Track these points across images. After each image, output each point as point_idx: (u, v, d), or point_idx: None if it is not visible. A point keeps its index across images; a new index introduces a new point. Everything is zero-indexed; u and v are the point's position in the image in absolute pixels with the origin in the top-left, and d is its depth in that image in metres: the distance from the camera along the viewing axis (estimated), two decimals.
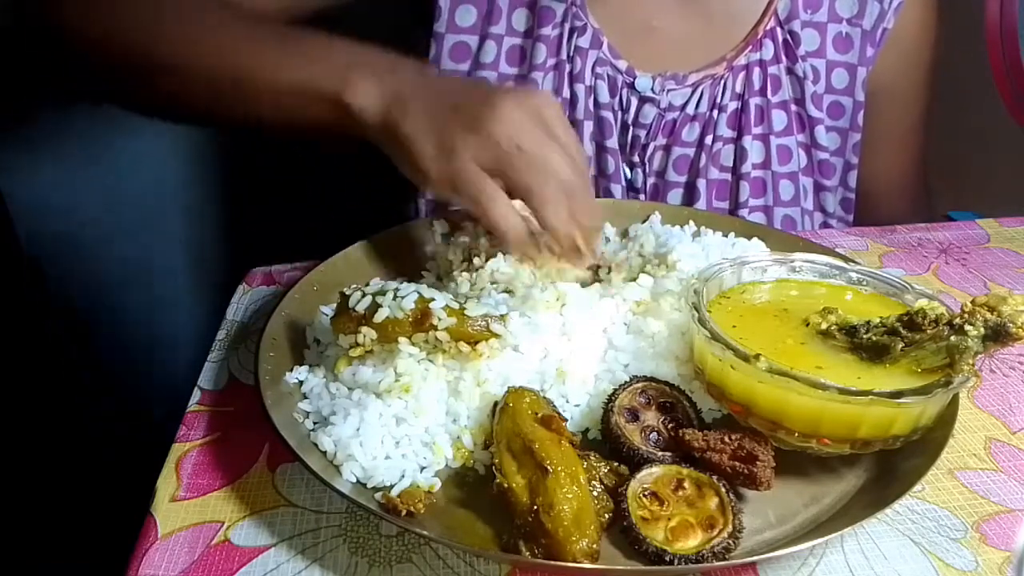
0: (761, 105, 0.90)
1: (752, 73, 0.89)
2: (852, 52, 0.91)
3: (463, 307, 0.55)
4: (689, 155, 0.90)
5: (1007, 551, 0.48)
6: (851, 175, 0.96)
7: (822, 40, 0.90)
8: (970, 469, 0.55)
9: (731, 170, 0.91)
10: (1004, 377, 0.64)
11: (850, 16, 0.91)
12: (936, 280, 0.78)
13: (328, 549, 0.49)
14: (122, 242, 1.43)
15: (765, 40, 0.89)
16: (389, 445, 0.52)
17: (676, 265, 0.68)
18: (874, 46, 0.92)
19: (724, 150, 0.90)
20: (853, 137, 0.94)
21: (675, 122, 0.90)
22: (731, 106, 0.90)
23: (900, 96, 0.98)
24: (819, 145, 0.92)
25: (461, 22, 0.90)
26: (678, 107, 0.89)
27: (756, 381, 0.50)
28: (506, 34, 0.90)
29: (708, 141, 0.90)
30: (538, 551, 0.45)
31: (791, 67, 0.90)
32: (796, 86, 0.91)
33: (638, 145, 0.91)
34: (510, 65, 0.90)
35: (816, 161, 0.93)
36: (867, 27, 0.91)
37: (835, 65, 0.91)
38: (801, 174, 0.92)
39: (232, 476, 0.54)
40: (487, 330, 0.55)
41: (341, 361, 0.57)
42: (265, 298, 0.75)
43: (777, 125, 0.91)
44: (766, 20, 0.90)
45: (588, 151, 0.90)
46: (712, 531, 0.46)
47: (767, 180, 0.91)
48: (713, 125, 0.90)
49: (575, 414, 0.56)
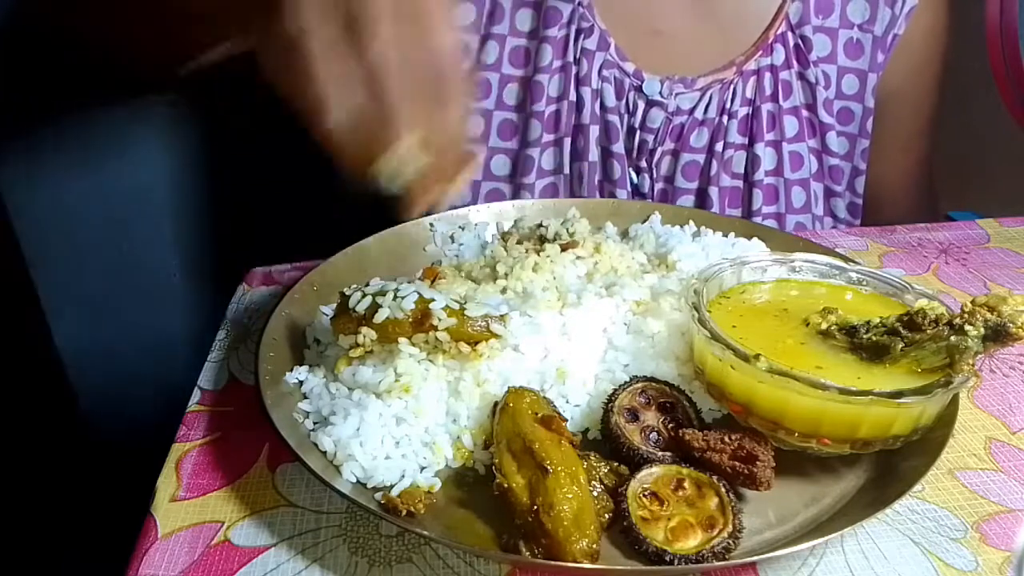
0: (773, 111, 0.89)
1: (763, 78, 0.89)
2: (863, 58, 0.91)
3: (463, 307, 0.55)
4: (698, 161, 0.90)
5: (1007, 551, 0.48)
6: (858, 180, 0.96)
7: (833, 46, 0.90)
8: (970, 469, 0.55)
9: (743, 177, 0.90)
10: (1004, 377, 0.64)
11: (861, 22, 0.90)
12: (936, 280, 0.78)
13: (328, 549, 0.49)
14: (121, 241, 1.43)
15: (776, 45, 0.89)
16: (389, 445, 0.52)
17: (676, 265, 0.68)
18: (885, 52, 0.92)
19: (736, 156, 0.90)
20: (862, 143, 0.94)
21: (683, 127, 0.89)
22: (741, 112, 0.89)
23: (909, 100, 0.98)
24: (829, 150, 0.91)
25: (461, 20, 0.89)
26: (686, 111, 0.89)
27: (756, 381, 0.50)
28: (509, 34, 0.89)
29: (719, 148, 0.89)
30: (538, 551, 0.45)
31: (803, 72, 0.89)
32: (807, 91, 0.90)
33: (645, 150, 0.90)
34: (513, 66, 0.89)
35: (827, 167, 0.92)
36: (878, 33, 0.91)
37: (846, 71, 0.91)
38: (812, 180, 0.92)
39: (232, 476, 0.54)
40: (487, 330, 0.55)
41: (341, 361, 0.57)
42: (265, 298, 0.75)
43: (789, 131, 0.90)
44: (777, 24, 0.89)
45: (594, 156, 0.90)
46: (712, 531, 0.46)
47: (779, 187, 0.90)
48: (724, 131, 0.89)
49: (575, 414, 0.56)
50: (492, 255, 0.71)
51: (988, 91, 1.29)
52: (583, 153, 0.90)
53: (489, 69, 0.89)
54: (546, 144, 0.90)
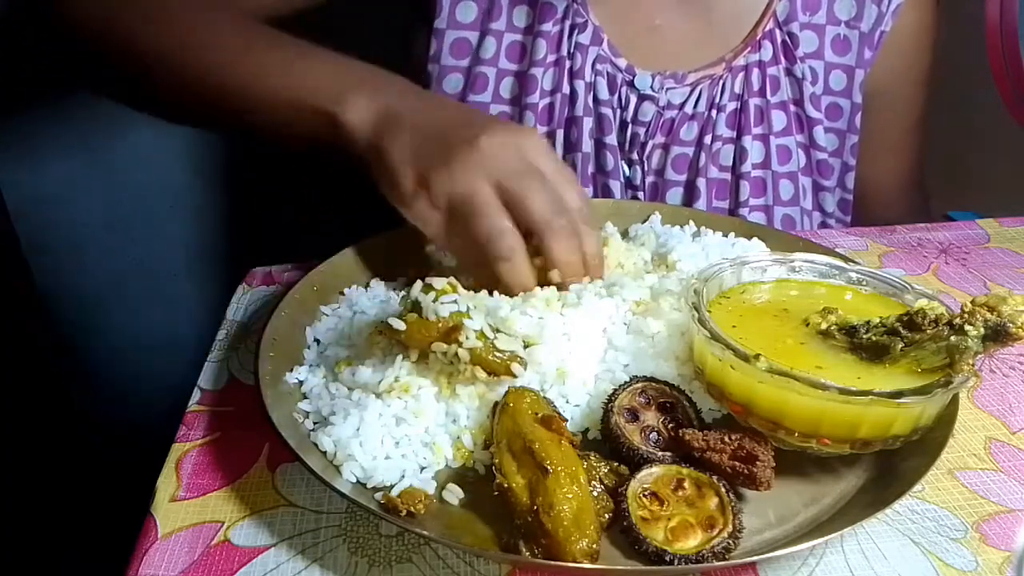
0: (760, 106, 0.90)
1: (751, 74, 0.90)
2: (850, 54, 0.92)
3: (496, 335, 0.54)
4: (688, 154, 0.91)
5: (1007, 551, 0.48)
6: (849, 176, 0.96)
7: (820, 42, 0.91)
8: (970, 469, 0.55)
9: (731, 169, 0.91)
10: (1004, 377, 0.64)
11: (848, 18, 0.91)
12: (936, 280, 0.78)
13: (328, 549, 0.49)
14: (122, 241, 1.43)
15: (764, 41, 0.90)
16: (389, 445, 0.52)
17: (676, 265, 0.68)
18: (872, 48, 0.92)
19: (724, 150, 0.91)
20: (851, 139, 0.94)
21: (673, 121, 0.90)
22: (730, 106, 0.90)
23: (897, 98, 0.99)
24: (818, 145, 0.92)
25: (462, 18, 0.91)
26: (677, 106, 0.90)
27: (756, 381, 0.50)
28: (506, 30, 0.90)
29: (707, 140, 0.90)
30: (538, 551, 0.45)
31: (790, 68, 0.91)
32: (795, 87, 0.91)
33: (637, 143, 0.91)
34: (510, 61, 0.90)
35: (815, 161, 0.93)
36: (865, 30, 0.92)
37: (833, 67, 0.92)
38: (800, 174, 0.93)
39: (232, 476, 0.54)
40: (506, 368, 0.54)
41: (342, 361, 0.57)
42: (265, 298, 0.75)
43: (776, 125, 0.91)
44: (765, 21, 0.90)
45: (588, 148, 0.91)
46: (712, 531, 0.46)
47: (767, 180, 0.91)
48: (712, 125, 0.90)
49: (575, 414, 0.56)
50: None
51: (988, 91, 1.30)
52: (576, 144, 0.91)
53: (486, 64, 0.90)
54: None
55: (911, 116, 1.02)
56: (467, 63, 0.91)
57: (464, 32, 0.90)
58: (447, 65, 0.91)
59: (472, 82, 0.91)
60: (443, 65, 0.91)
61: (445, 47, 0.91)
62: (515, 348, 0.54)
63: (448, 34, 0.91)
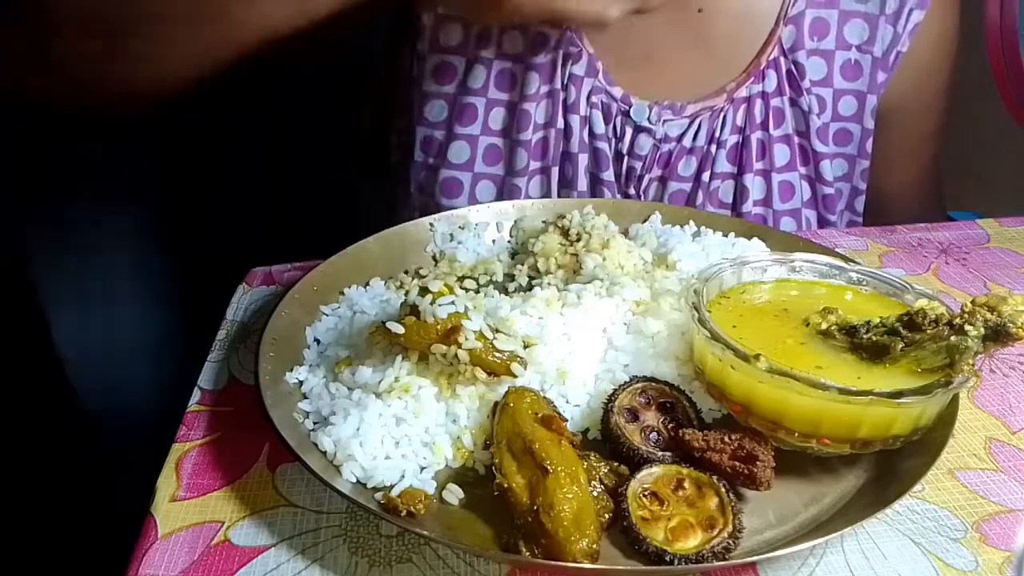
0: (763, 139, 0.86)
1: (754, 106, 0.86)
2: (861, 79, 0.88)
3: (495, 335, 0.54)
4: (685, 190, 0.88)
5: (1007, 551, 0.48)
6: (858, 200, 0.93)
7: (829, 69, 0.86)
8: (970, 469, 0.55)
9: (731, 207, 0.88)
10: (1004, 377, 0.64)
11: (860, 43, 0.87)
12: (936, 280, 0.78)
13: (328, 549, 0.49)
14: (120, 241, 1.43)
15: (768, 71, 0.85)
16: (389, 445, 0.52)
17: (676, 265, 0.68)
18: (886, 71, 0.88)
19: (723, 187, 0.87)
20: (861, 164, 0.91)
21: (671, 154, 0.87)
22: (731, 140, 0.86)
23: (915, 110, 0.95)
24: (823, 179, 0.88)
25: (446, 41, 0.87)
26: (674, 138, 0.86)
27: (756, 381, 0.50)
28: (496, 57, 0.86)
29: (705, 177, 0.87)
30: (538, 551, 0.45)
31: (795, 99, 0.86)
32: (800, 119, 0.87)
33: (633, 177, 0.88)
34: (500, 90, 0.87)
35: (821, 196, 0.89)
36: (878, 54, 0.87)
37: (843, 93, 0.87)
38: (804, 208, 0.89)
39: (232, 476, 0.54)
40: (506, 368, 0.54)
41: (342, 361, 0.57)
42: (265, 298, 0.75)
43: (779, 160, 0.87)
44: (769, 50, 0.86)
45: (583, 185, 0.88)
46: (712, 531, 0.46)
47: (767, 218, 0.88)
48: (712, 161, 0.86)
49: (575, 414, 0.56)
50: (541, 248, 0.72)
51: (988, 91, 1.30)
52: (572, 182, 0.88)
53: (475, 94, 0.87)
54: (533, 172, 0.88)
55: (930, 124, 0.98)
56: (452, 89, 0.87)
57: (449, 56, 0.86)
58: (429, 91, 0.87)
59: (459, 112, 0.87)
60: (425, 91, 0.87)
61: (427, 71, 0.87)
62: (515, 348, 0.54)
63: (431, 58, 0.87)
